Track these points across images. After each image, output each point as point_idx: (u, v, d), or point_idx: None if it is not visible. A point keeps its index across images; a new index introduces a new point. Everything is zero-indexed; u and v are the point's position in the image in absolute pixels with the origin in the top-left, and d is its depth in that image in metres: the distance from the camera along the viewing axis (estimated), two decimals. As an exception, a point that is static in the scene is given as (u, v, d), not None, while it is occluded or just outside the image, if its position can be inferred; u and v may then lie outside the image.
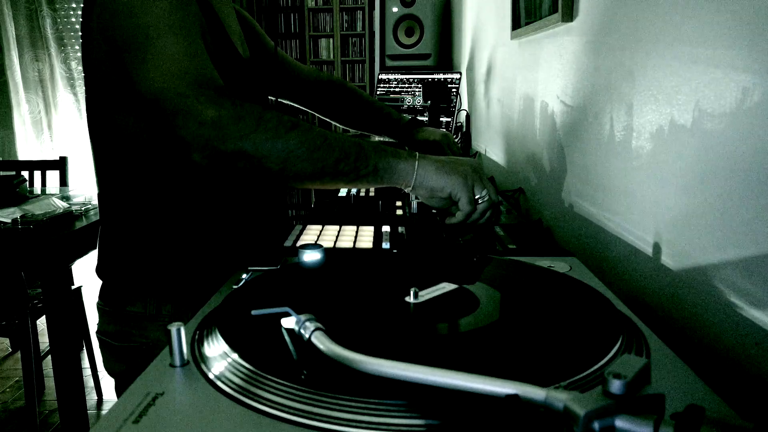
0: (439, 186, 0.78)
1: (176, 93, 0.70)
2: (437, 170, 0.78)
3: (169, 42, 0.72)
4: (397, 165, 0.77)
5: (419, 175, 0.77)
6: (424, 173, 0.77)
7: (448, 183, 0.78)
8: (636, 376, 0.32)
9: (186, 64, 0.72)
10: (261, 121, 0.70)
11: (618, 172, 0.86)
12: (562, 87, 1.11)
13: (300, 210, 4.65)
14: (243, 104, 0.71)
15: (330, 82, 1.26)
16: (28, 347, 1.98)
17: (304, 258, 0.67)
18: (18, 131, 4.12)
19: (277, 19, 4.46)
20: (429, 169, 0.78)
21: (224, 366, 0.44)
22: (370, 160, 0.75)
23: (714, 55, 0.61)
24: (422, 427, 0.36)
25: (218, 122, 0.69)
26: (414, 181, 0.77)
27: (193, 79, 0.71)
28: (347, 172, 0.74)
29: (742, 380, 0.56)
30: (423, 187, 0.78)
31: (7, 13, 3.98)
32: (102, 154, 0.86)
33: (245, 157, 0.70)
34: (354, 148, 0.75)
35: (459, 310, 0.54)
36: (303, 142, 0.72)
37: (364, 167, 0.75)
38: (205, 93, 0.70)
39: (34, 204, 1.80)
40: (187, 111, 0.69)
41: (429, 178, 0.78)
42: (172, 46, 0.72)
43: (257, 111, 0.71)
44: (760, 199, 0.54)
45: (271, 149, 0.70)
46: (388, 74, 2.43)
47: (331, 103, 1.26)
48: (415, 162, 0.77)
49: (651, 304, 0.75)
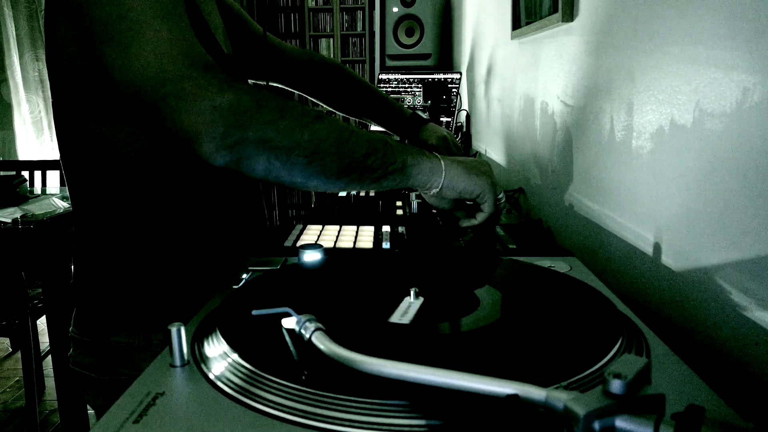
0: (469, 189, 0.75)
1: (179, 75, 0.60)
2: (466, 172, 0.74)
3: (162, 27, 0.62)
4: (425, 162, 0.72)
5: (448, 176, 0.73)
6: (453, 174, 0.73)
7: (477, 185, 0.75)
8: (636, 376, 0.32)
9: (186, 47, 0.63)
10: (286, 108, 0.63)
11: (618, 171, 0.86)
12: (562, 87, 1.11)
13: (300, 210, 4.65)
14: (261, 89, 0.63)
15: (324, 64, 1.16)
16: (28, 347, 1.99)
17: (305, 258, 0.67)
18: (18, 131, 4.12)
19: (277, 19, 4.46)
20: (458, 170, 0.74)
21: (224, 366, 0.44)
22: (398, 155, 0.70)
23: (714, 55, 0.61)
24: (423, 428, 0.36)
25: (237, 107, 0.59)
26: (443, 182, 0.73)
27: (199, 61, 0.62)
28: (376, 167, 0.68)
29: (742, 380, 0.56)
30: (451, 189, 0.74)
31: (7, 13, 3.98)
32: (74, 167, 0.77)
33: (270, 147, 0.61)
34: (380, 142, 0.69)
35: (459, 310, 0.54)
36: (331, 133, 0.65)
37: (392, 162, 0.69)
38: (215, 75, 0.61)
39: (35, 204, 1.80)
40: (197, 94, 0.59)
41: (459, 180, 0.74)
42: (165, 32, 0.62)
43: (279, 98, 0.63)
44: (760, 199, 0.54)
45: (300, 139, 0.62)
46: (388, 74, 2.43)
47: (326, 86, 1.17)
48: (441, 162, 0.73)
49: (651, 304, 0.75)
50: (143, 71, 0.61)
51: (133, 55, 0.61)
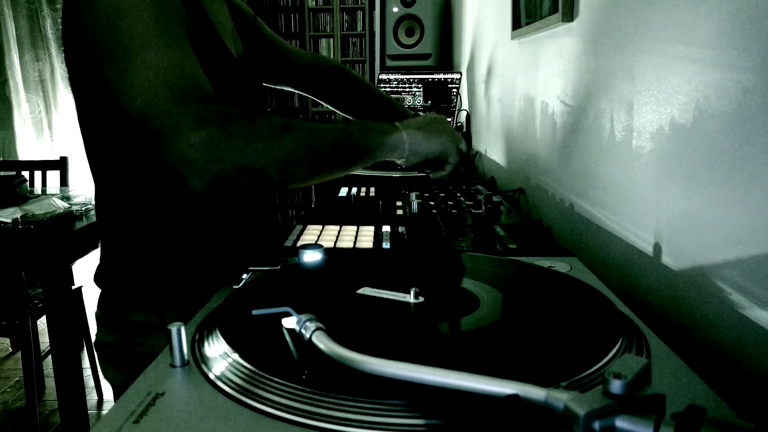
0: (432, 150, 0.82)
1: (159, 111, 0.65)
2: (425, 136, 0.81)
3: (151, 54, 0.67)
4: (387, 140, 0.78)
5: (410, 145, 0.80)
6: (414, 141, 0.80)
7: (438, 145, 0.83)
8: (636, 376, 0.32)
9: (169, 75, 0.67)
10: (253, 131, 0.68)
11: (618, 171, 0.86)
12: (562, 87, 1.11)
13: (300, 210, 4.65)
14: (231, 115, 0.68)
15: (330, 68, 1.23)
16: (28, 347, 1.98)
17: (305, 258, 0.67)
18: (18, 131, 4.12)
19: (277, 19, 4.46)
20: (417, 137, 0.81)
21: (225, 366, 0.44)
22: (362, 141, 0.76)
23: (714, 55, 0.61)
24: (423, 427, 0.36)
25: (209, 142, 0.64)
26: (407, 151, 0.80)
27: (178, 92, 0.66)
28: (342, 160, 0.75)
29: (742, 380, 0.56)
30: (415, 154, 0.81)
31: (7, 13, 3.98)
32: (96, 160, 0.83)
33: (245, 171, 0.67)
34: (343, 133, 0.75)
35: (460, 309, 0.54)
36: (298, 143, 0.70)
37: (357, 151, 0.76)
38: (190, 108, 0.66)
39: (35, 204, 1.80)
40: (173, 133, 0.64)
41: (420, 145, 0.81)
42: (154, 58, 0.67)
43: (245, 120, 0.68)
44: (760, 199, 0.54)
45: (269, 157, 0.68)
46: (388, 74, 2.43)
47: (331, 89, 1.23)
48: (402, 133, 0.80)
49: (651, 304, 0.75)
50: (132, 103, 0.66)
51: (125, 85, 0.66)
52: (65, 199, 2.01)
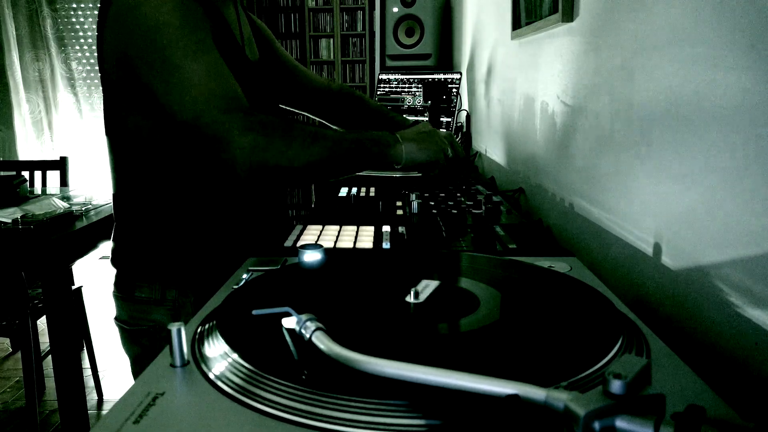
0: (424, 158, 0.95)
1: (211, 120, 0.78)
2: (418, 148, 0.94)
3: (192, 67, 0.79)
4: (389, 151, 0.92)
5: (407, 156, 0.93)
6: (410, 152, 0.93)
7: (430, 155, 0.95)
8: (636, 376, 0.32)
9: (213, 86, 0.80)
10: (291, 138, 0.81)
11: (618, 171, 0.86)
12: (562, 87, 1.11)
13: (300, 210, 4.65)
14: (271, 123, 0.81)
15: (341, 93, 1.32)
16: (28, 347, 1.99)
17: (305, 258, 0.67)
18: (18, 131, 4.12)
19: (277, 19, 4.46)
20: (413, 148, 0.94)
21: (225, 366, 0.44)
22: (372, 150, 0.90)
23: (714, 55, 0.61)
24: (423, 427, 0.36)
25: (255, 146, 0.78)
26: (404, 162, 0.93)
27: (223, 103, 0.79)
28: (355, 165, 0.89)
29: (742, 380, 0.56)
30: (411, 162, 0.94)
31: (7, 13, 3.98)
32: (118, 153, 0.92)
33: (281, 170, 0.81)
34: (357, 144, 0.89)
35: (459, 310, 0.54)
36: (324, 151, 0.84)
37: (367, 158, 0.90)
38: (236, 117, 0.79)
39: (35, 204, 1.80)
40: (224, 138, 0.78)
41: (415, 155, 0.94)
42: (196, 72, 0.79)
43: (283, 127, 0.81)
44: (760, 199, 0.54)
45: (300, 161, 0.82)
46: (388, 74, 2.43)
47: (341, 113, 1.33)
48: (401, 146, 0.93)
49: (651, 304, 0.75)
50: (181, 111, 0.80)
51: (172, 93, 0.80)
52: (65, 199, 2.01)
